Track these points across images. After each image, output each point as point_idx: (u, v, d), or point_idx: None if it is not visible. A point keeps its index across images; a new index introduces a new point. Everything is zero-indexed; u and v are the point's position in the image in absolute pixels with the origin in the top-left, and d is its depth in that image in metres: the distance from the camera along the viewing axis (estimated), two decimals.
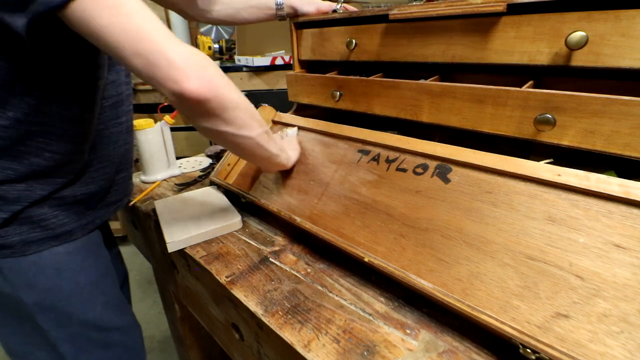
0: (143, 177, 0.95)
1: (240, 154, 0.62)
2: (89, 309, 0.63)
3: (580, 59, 0.44)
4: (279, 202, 0.67)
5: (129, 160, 0.71)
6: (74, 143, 0.56)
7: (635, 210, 0.38)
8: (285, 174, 0.70)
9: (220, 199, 0.77)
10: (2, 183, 0.52)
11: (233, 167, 0.82)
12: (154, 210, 0.75)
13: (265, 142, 0.56)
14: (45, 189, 0.55)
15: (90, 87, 0.56)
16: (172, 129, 0.98)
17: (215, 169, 0.83)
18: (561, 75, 0.54)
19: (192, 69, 0.41)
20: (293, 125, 0.77)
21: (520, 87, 0.49)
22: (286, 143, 0.69)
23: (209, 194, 0.81)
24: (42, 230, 0.56)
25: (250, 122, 0.51)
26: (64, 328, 0.61)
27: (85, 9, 0.38)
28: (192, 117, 0.47)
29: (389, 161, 0.58)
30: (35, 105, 0.50)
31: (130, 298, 0.85)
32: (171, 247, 0.64)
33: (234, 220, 0.69)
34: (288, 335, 0.45)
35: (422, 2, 0.64)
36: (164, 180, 0.96)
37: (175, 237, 0.64)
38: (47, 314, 0.59)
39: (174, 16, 2.57)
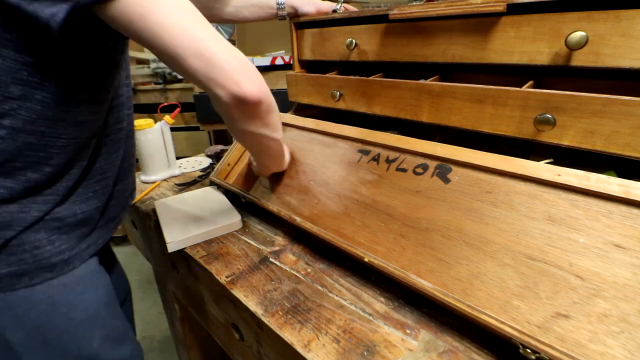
0: (143, 177, 0.95)
1: (265, 155, 0.61)
2: (85, 345, 0.57)
3: (580, 59, 0.44)
4: (279, 202, 0.67)
5: (128, 169, 0.65)
6: (76, 152, 0.51)
7: (635, 210, 0.38)
8: (286, 174, 0.70)
9: (220, 199, 0.78)
10: None
11: (233, 167, 0.82)
12: (154, 210, 0.75)
13: (283, 144, 0.58)
14: (41, 209, 0.49)
15: (104, 88, 0.52)
16: (172, 129, 0.98)
17: (215, 169, 0.83)
18: (561, 75, 0.54)
19: (249, 72, 0.43)
20: (292, 126, 0.77)
21: (520, 87, 0.49)
22: None
23: (209, 194, 0.81)
24: (35, 260, 0.50)
25: (280, 124, 0.54)
26: None
27: (141, 4, 0.37)
28: (242, 119, 0.47)
29: (389, 161, 0.58)
30: (39, 110, 0.45)
31: (132, 315, 0.80)
32: (171, 247, 0.64)
33: (234, 220, 0.69)
34: (288, 335, 0.45)
35: (422, 2, 0.64)
36: (164, 180, 0.96)
37: (176, 237, 0.64)
38: (37, 352, 0.53)
39: None
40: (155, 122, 0.93)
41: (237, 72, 0.41)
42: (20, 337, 0.51)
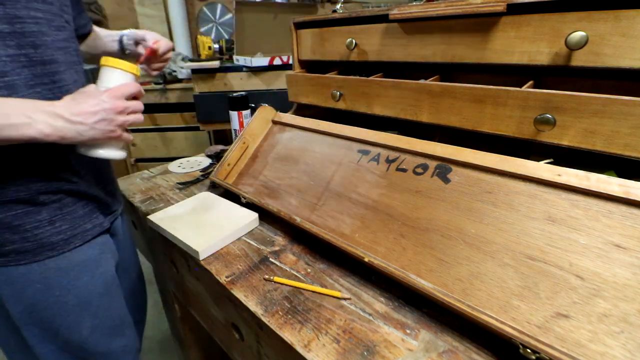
0: None
1: None
2: (74, 331, 0.59)
3: (580, 59, 0.44)
4: (279, 202, 0.67)
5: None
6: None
7: (635, 210, 0.38)
8: (286, 174, 0.70)
9: (223, 202, 0.76)
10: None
11: (233, 167, 0.82)
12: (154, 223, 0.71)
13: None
14: (47, 182, 0.53)
15: None
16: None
17: (215, 169, 0.82)
18: (561, 75, 0.54)
19: None
20: (292, 126, 0.77)
21: (520, 87, 0.49)
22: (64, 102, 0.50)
23: (208, 200, 0.77)
24: (35, 239, 0.54)
25: None
26: (48, 345, 0.59)
27: None
28: None
29: (389, 161, 0.58)
30: None
31: (143, 318, 0.80)
32: (203, 255, 0.60)
33: (252, 218, 0.68)
34: (288, 335, 0.45)
35: (422, 2, 0.64)
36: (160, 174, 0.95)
37: (203, 245, 0.60)
38: (32, 328, 0.57)
39: (174, 16, 2.57)
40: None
41: None
42: (19, 311, 0.55)
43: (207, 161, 1.06)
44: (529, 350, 0.36)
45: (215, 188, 0.87)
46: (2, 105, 0.45)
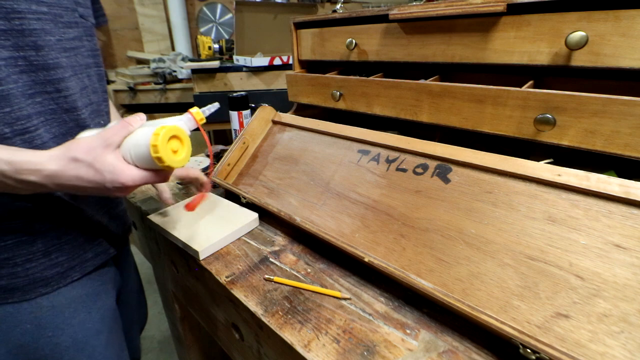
0: None
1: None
2: None
3: (580, 59, 0.44)
4: (279, 202, 0.67)
5: None
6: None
7: (635, 210, 0.38)
8: (286, 174, 0.70)
9: (222, 201, 0.76)
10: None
11: (233, 167, 0.82)
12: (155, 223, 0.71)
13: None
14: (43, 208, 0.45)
15: None
16: None
17: (215, 169, 0.82)
18: (561, 75, 0.54)
19: None
20: (292, 126, 0.77)
21: (520, 87, 0.49)
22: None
23: (208, 199, 0.76)
24: (26, 274, 0.46)
25: None
26: None
27: None
28: None
29: (389, 161, 0.58)
30: None
31: (138, 346, 0.75)
32: (203, 254, 0.60)
33: (253, 218, 0.67)
34: (288, 335, 0.45)
35: (422, 2, 0.64)
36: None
37: (204, 245, 0.60)
38: None
39: (174, 16, 2.58)
40: None
41: None
42: (3, 353, 0.48)
43: (207, 161, 1.06)
44: (529, 350, 0.36)
45: (215, 188, 0.87)
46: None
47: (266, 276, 0.55)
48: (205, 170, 1.00)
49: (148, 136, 0.41)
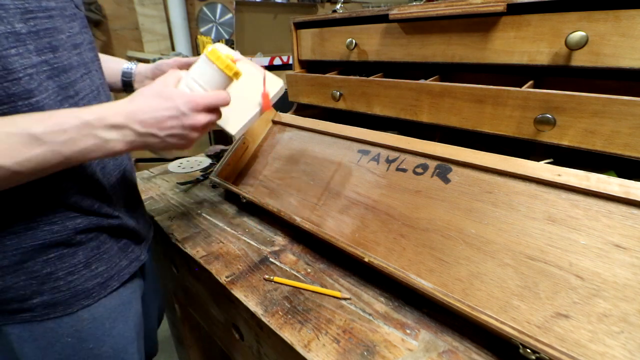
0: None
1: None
2: None
3: (580, 59, 0.44)
4: (279, 202, 0.67)
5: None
6: None
7: (635, 210, 0.38)
8: (286, 174, 0.70)
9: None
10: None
11: (233, 167, 0.82)
12: None
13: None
14: (86, 218, 0.44)
15: None
16: None
17: (215, 169, 0.82)
18: (561, 75, 0.54)
19: None
20: (292, 126, 0.77)
21: (520, 87, 0.49)
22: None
23: None
24: (68, 287, 0.45)
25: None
26: None
27: None
28: None
29: (389, 161, 0.58)
30: None
31: (156, 341, 0.74)
32: (238, 134, 0.56)
33: (281, 85, 0.59)
34: (288, 335, 0.45)
35: (422, 2, 0.64)
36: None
37: (237, 125, 0.55)
38: None
39: (174, 16, 2.58)
40: None
41: None
42: None
43: (207, 161, 1.06)
44: (529, 350, 0.36)
45: (215, 188, 0.87)
46: (60, 125, 0.35)
47: (266, 276, 0.55)
48: (205, 170, 1.00)
49: (204, 64, 0.45)
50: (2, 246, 0.40)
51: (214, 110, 0.45)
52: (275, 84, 0.59)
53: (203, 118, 0.43)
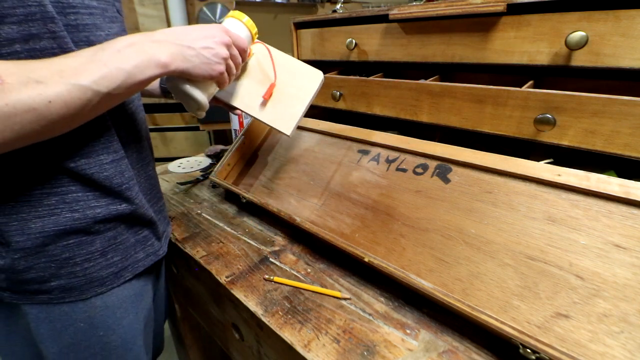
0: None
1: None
2: None
3: (580, 59, 0.44)
4: (279, 202, 0.67)
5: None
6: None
7: (635, 210, 0.38)
8: (286, 173, 0.70)
9: (281, 58, 0.60)
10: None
11: (233, 167, 0.82)
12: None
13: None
14: (105, 208, 0.46)
15: None
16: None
17: (215, 169, 0.82)
18: (561, 75, 0.54)
19: None
20: None
21: (520, 87, 0.49)
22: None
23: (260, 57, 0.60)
24: (84, 274, 0.47)
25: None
26: None
27: None
28: None
29: (389, 161, 0.58)
30: None
31: (163, 336, 0.75)
32: (292, 133, 0.57)
33: (321, 76, 0.60)
34: (288, 335, 0.45)
35: (422, 2, 0.64)
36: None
37: (290, 125, 0.57)
38: None
39: (174, 16, 2.57)
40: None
41: None
42: (54, 352, 0.49)
43: (207, 161, 1.06)
44: (529, 350, 0.36)
45: (215, 188, 0.87)
46: (113, 46, 0.38)
47: (266, 276, 0.55)
48: (205, 170, 1.00)
49: (228, 23, 0.52)
50: (27, 229, 0.42)
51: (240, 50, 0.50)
52: (315, 78, 0.61)
53: (230, 40, 0.47)
